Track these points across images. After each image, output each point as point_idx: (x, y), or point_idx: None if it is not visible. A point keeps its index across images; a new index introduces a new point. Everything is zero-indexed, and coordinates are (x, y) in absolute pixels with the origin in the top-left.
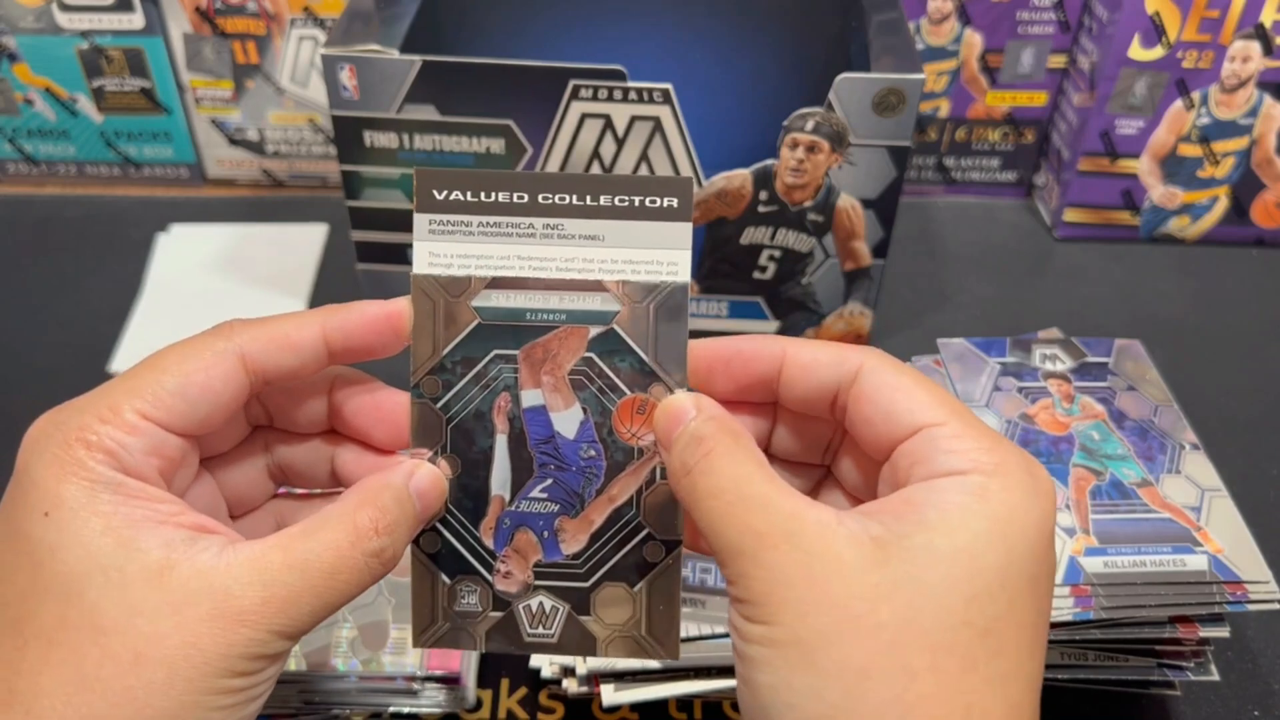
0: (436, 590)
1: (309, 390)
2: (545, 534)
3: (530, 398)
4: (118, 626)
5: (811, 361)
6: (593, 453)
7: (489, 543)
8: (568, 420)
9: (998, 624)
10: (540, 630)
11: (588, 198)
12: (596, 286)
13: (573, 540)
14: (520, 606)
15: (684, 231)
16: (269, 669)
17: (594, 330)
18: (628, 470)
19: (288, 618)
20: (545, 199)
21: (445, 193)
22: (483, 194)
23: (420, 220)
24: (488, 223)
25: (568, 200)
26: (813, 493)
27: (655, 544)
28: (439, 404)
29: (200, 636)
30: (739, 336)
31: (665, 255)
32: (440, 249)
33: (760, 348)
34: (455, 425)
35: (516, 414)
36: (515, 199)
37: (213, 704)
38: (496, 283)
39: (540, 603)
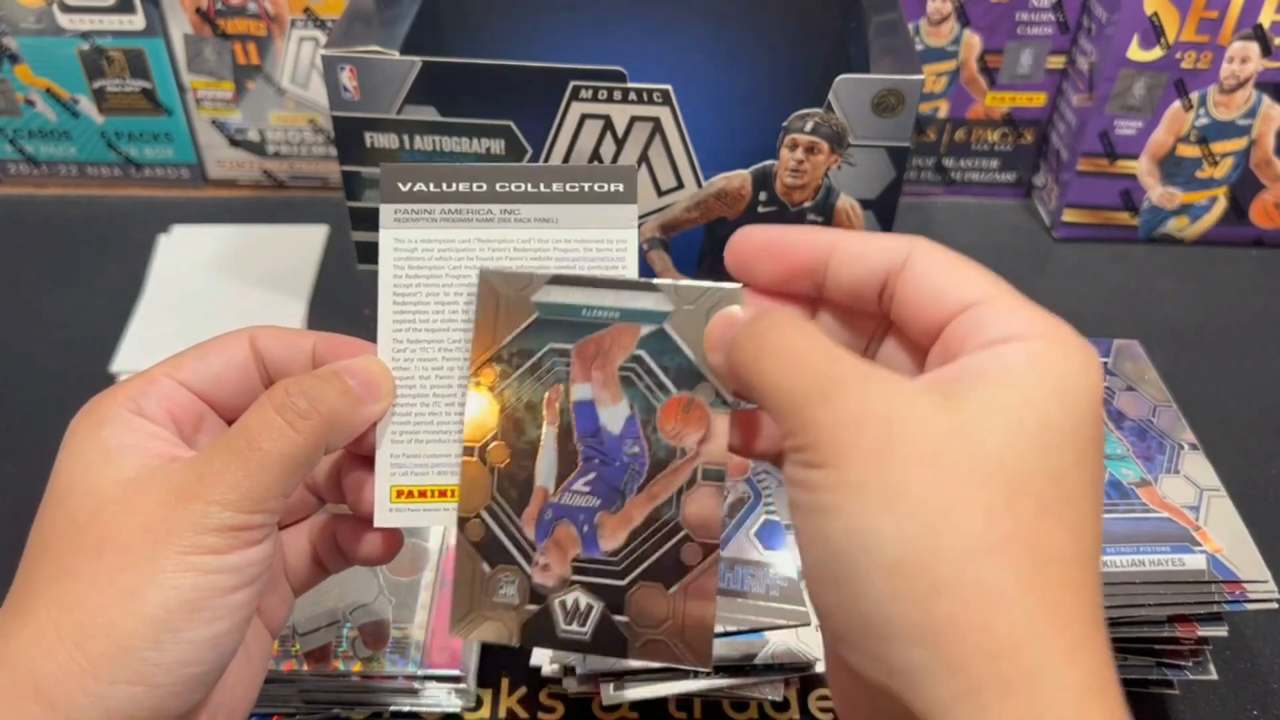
0: (475, 578)
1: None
2: (585, 528)
3: (580, 391)
4: (89, 524)
5: (861, 251)
6: (636, 449)
7: (530, 533)
8: (614, 416)
9: (1068, 474)
10: (574, 627)
11: (540, 185)
12: (650, 288)
13: (611, 536)
14: (555, 601)
15: (629, 213)
16: (236, 551)
17: (645, 329)
18: (669, 469)
19: (226, 485)
20: (502, 187)
21: (409, 185)
22: (444, 184)
23: (386, 210)
24: (449, 209)
25: (523, 188)
26: None
27: (693, 546)
28: (494, 393)
29: (151, 519)
30: (786, 226)
31: (613, 234)
32: (405, 235)
33: (808, 236)
34: (507, 414)
35: (566, 407)
36: (474, 188)
37: (174, 582)
38: (558, 279)
39: (575, 599)
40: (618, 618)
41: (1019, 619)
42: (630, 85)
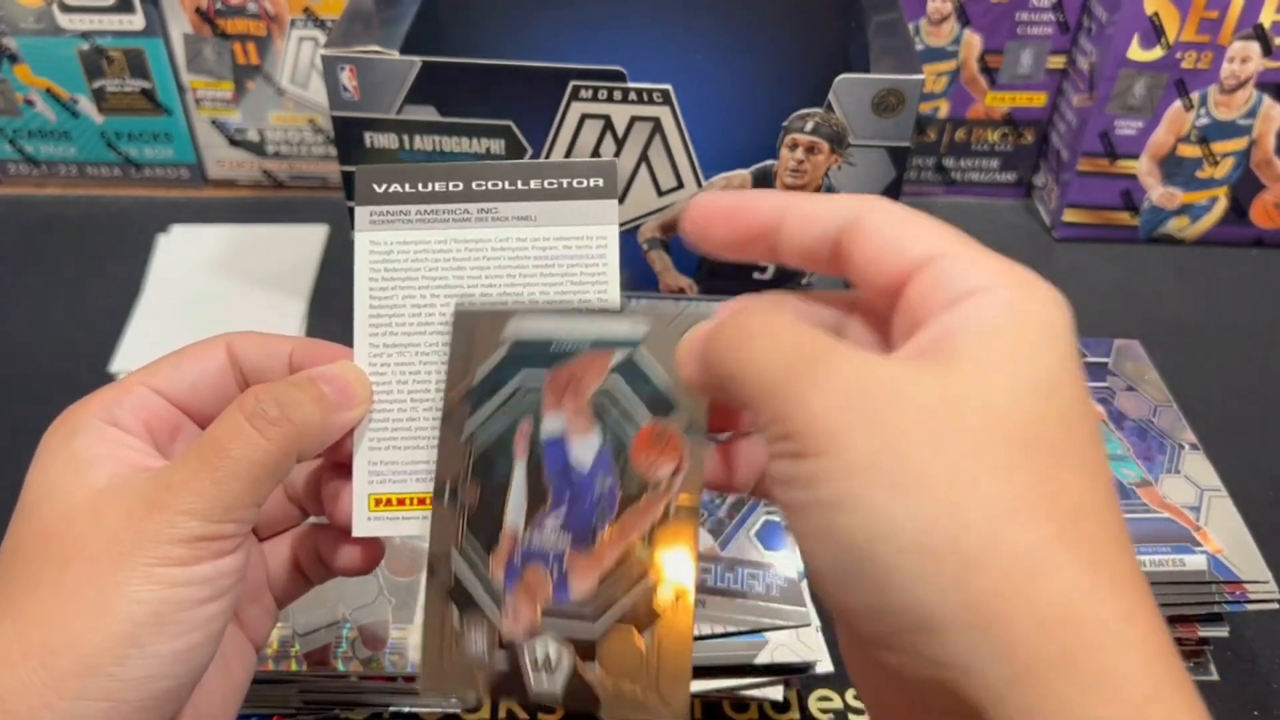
0: (445, 629)
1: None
2: (555, 571)
3: (551, 423)
4: (58, 535)
5: (813, 211)
6: (608, 483)
7: (499, 576)
8: (585, 448)
9: (1073, 417)
10: (545, 685)
11: (519, 182)
12: (624, 313)
13: (582, 579)
14: (525, 655)
15: (610, 208)
16: (206, 562)
17: (617, 355)
18: (641, 504)
19: (193, 494)
20: (479, 185)
21: (384, 186)
22: (420, 185)
23: (361, 213)
24: (425, 210)
25: (500, 186)
26: None
27: (667, 587)
28: (465, 430)
29: (118, 531)
30: (743, 191)
31: (593, 231)
32: (380, 237)
33: (762, 200)
34: (479, 452)
35: (537, 440)
36: (451, 188)
37: (140, 596)
38: (532, 311)
39: (546, 649)
40: (589, 666)
41: (1065, 582)
42: (630, 85)
